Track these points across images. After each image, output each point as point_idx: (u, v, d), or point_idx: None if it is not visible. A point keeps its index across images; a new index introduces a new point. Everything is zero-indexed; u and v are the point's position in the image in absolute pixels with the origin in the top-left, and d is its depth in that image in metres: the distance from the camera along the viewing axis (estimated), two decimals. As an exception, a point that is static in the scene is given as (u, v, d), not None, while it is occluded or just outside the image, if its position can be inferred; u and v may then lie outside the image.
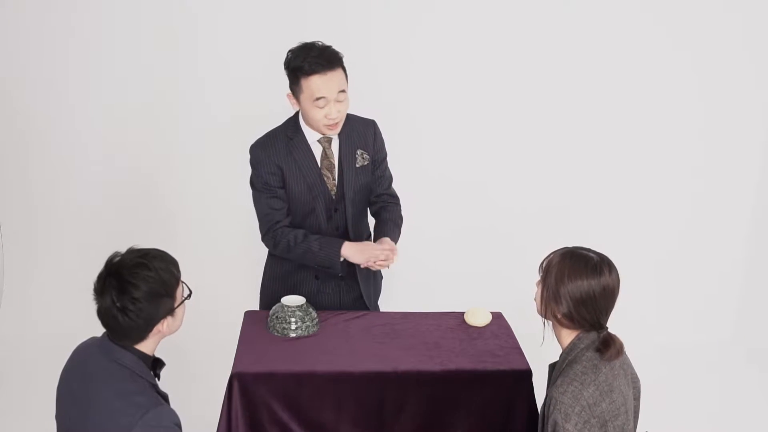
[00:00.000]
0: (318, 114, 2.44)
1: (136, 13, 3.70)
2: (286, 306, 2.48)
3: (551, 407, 1.90)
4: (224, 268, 3.90)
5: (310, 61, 2.38)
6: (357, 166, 2.60)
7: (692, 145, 4.00)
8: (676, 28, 3.83)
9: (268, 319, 2.50)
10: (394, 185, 2.81)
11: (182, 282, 1.89)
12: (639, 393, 2.05)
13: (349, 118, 2.58)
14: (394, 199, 2.78)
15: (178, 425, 1.76)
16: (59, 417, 1.86)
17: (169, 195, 3.97)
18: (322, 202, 2.59)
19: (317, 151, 2.56)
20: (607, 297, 1.94)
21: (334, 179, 2.59)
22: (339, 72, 2.43)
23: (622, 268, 2.00)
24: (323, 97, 2.40)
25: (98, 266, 4.19)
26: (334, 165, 2.58)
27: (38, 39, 3.71)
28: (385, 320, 2.58)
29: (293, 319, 2.45)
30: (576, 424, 1.85)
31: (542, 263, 2.02)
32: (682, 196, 4.06)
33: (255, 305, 2.69)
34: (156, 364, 1.89)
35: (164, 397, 1.85)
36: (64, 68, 3.77)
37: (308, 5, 3.73)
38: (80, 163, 3.91)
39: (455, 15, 3.78)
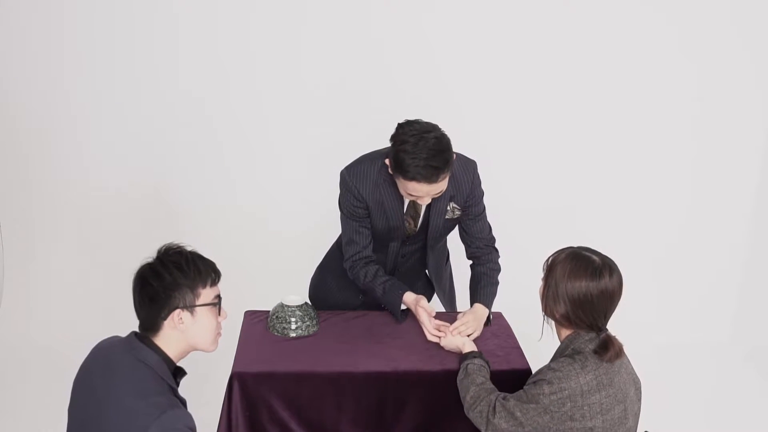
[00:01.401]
0: (410, 198, 2.37)
1: (137, 12, 3.70)
2: (286, 306, 2.48)
3: (544, 369, 1.95)
4: (224, 268, 3.89)
5: (414, 168, 2.19)
6: (446, 218, 2.53)
7: (692, 145, 4.00)
8: (676, 30, 3.83)
9: (268, 319, 2.51)
10: None
11: (218, 296, 1.90)
12: (640, 394, 2.06)
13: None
14: (490, 246, 2.67)
15: (193, 429, 1.76)
16: (73, 410, 1.86)
17: (170, 195, 3.97)
18: (398, 240, 2.58)
19: (407, 199, 2.46)
20: (606, 301, 1.94)
21: (415, 227, 2.56)
22: (445, 178, 2.25)
23: (621, 267, 2.00)
24: (419, 197, 2.31)
25: (98, 266, 4.19)
26: (419, 215, 2.52)
27: (38, 39, 3.71)
28: (385, 320, 2.58)
29: (293, 319, 2.45)
30: (552, 394, 1.88)
31: (547, 260, 2.03)
32: (682, 196, 4.07)
33: (255, 305, 2.69)
34: (177, 372, 1.89)
35: (182, 402, 1.86)
36: (64, 68, 3.76)
37: (311, 6, 3.74)
38: (80, 164, 3.90)
39: (461, 14, 3.77)
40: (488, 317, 2.56)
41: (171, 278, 1.80)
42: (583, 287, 1.92)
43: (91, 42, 3.73)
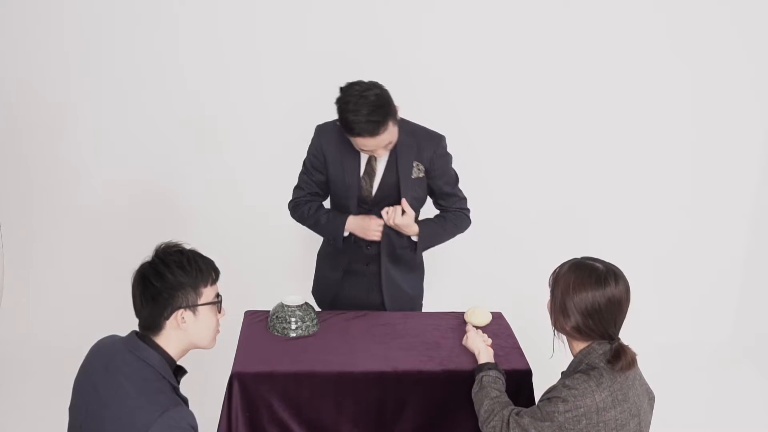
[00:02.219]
0: (364, 153, 2.51)
1: (139, 12, 3.70)
2: (286, 306, 2.48)
3: (559, 386, 1.92)
4: (224, 268, 3.89)
5: (357, 125, 2.35)
6: (413, 177, 2.60)
7: (692, 145, 4.00)
8: (676, 32, 3.83)
9: (268, 319, 2.51)
10: None
11: (218, 294, 1.92)
12: (653, 404, 2.05)
13: (416, 130, 2.60)
14: (463, 211, 2.75)
15: (195, 428, 1.77)
16: (74, 409, 1.86)
17: (171, 195, 3.97)
18: (354, 204, 2.63)
19: (364, 156, 2.59)
20: (614, 308, 1.92)
21: (370, 187, 2.61)
22: (386, 129, 2.39)
23: (622, 267, 1.99)
24: (368, 150, 2.46)
25: (98, 266, 4.19)
26: (375, 173, 2.60)
27: (39, 40, 3.71)
28: (385, 320, 2.58)
29: (293, 319, 2.45)
30: (567, 411, 1.87)
31: (552, 274, 2.02)
32: (682, 195, 4.07)
33: (255, 305, 2.70)
34: (177, 371, 1.90)
35: (184, 401, 1.86)
36: (65, 68, 3.77)
37: (314, 6, 3.74)
38: (81, 164, 3.91)
39: (464, 17, 3.78)
40: (416, 244, 2.68)
41: (174, 278, 1.80)
42: (589, 297, 1.91)
43: (92, 42, 3.74)
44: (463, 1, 3.77)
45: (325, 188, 2.71)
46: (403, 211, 2.54)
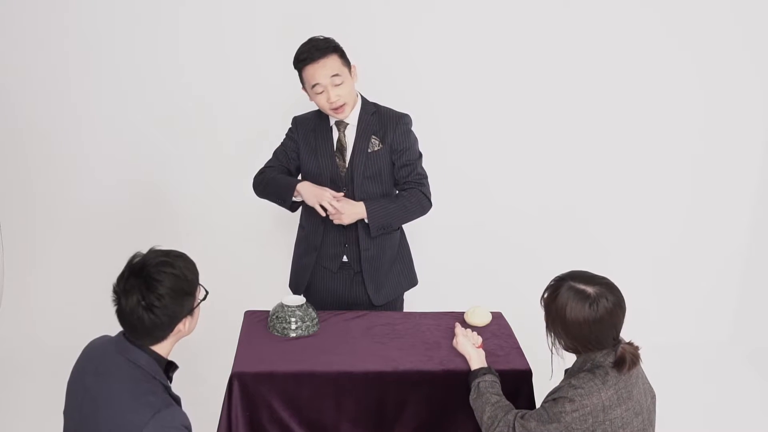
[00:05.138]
0: (320, 100, 2.58)
1: (138, 12, 3.70)
2: (286, 306, 2.48)
3: (564, 386, 1.92)
4: (224, 268, 3.90)
5: (302, 52, 2.55)
6: (369, 150, 2.66)
7: (693, 144, 3.99)
8: (677, 30, 3.82)
9: (268, 319, 2.51)
10: None
11: (200, 284, 1.93)
12: (655, 403, 2.05)
13: (381, 109, 2.71)
14: (417, 186, 2.71)
15: (188, 428, 1.77)
16: (68, 412, 1.86)
17: (170, 195, 3.97)
18: (329, 184, 2.68)
19: (336, 135, 2.69)
20: (609, 324, 1.92)
21: (344, 162, 2.68)
22: (331, 58, 2.55)
23: (621, 267, 2.01)
24: (318, 84, 2.54)
25: (98, 266, 4.19)
26: (346, 149, 2.69)
27: (38, 39, 3.71)
28: (385, 320, 2.59)
29: (293, 319, 2.45)
30: (574, 411, 1.87)
31: (542, 296, 2.02)
32: (682, 195, 4.06)
33: (255, 305, 2.70)
34: (169, 367, 1.90)
35: (176, 400, 1.86)
36: (65, 68, 3.77)
37: (313, 5, 3.74)
38: (81, 164, 3.91)
39: (466, 14, 3.77)
40: (369, 225, 2.66)
41: (176, 305, 1.80)
42: (582, 323, 1.91)
43: (92, 42, 3.73)
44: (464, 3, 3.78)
45: (294, 174, 2.80)
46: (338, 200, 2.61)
